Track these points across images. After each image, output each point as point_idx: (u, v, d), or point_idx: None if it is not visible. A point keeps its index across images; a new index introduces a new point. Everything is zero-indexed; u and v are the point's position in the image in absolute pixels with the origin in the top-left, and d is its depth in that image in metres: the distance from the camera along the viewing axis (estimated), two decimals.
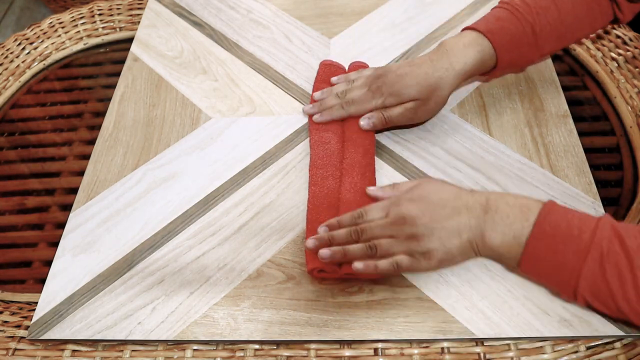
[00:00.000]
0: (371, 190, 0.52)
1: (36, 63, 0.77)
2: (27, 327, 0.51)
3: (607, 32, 0.70)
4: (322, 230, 0.49)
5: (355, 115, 0.59)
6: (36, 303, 0.52)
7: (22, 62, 0.77)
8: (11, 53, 0.77)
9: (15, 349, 0.50)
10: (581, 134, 0.59)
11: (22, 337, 0.51)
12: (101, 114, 0.68)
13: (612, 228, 0.41)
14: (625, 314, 0.40)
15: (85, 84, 0.76)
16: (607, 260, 0.40)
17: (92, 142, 0.64)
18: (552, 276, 0.44)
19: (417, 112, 0.57)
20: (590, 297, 0.42)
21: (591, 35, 0.70)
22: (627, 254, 0.39)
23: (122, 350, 0.49)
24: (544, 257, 0.43)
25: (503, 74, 0.64)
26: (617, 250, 0.40)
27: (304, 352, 0.48)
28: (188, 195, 0.58)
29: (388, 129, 0.61)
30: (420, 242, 0.45)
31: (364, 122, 0.58)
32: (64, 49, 0.78)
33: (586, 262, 0.40)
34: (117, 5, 0.82)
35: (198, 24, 0.76)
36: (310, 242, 0.49)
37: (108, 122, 0.66)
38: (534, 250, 0.43)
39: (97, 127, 0.67)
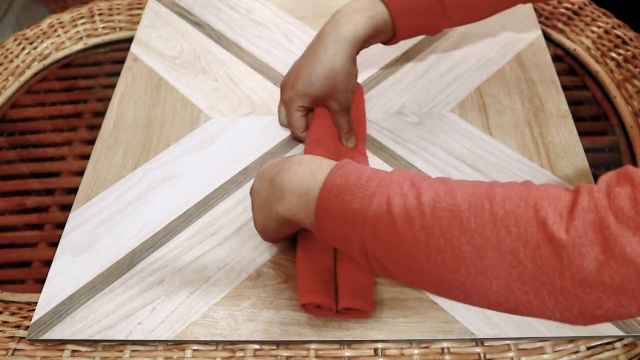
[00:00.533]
0: None
1: (36, 63, 0.77)
2: (26, 328, 0.51)
3: (607, 32, 0.70)
4: None
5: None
6: (36, 303, 0.51)
7: (22, 62, 0.77)
8: (11, 53, 0.77)
9: (15, 349, 0.50)
10: (581, 134, 0.59)
11: (21, 338, 0.51)
12: (101, 114, 0.68)
13: (404, 173, 0.36)
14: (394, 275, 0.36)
15: (85, 84, 0.76)
16: (392, 208, 0.34)
17: (92, 142, 0.64)
18: (341, 232, 0.37)
19: (340, 100, 0.56)
20: (380, 253, 0.35)
21: (591, 35, 0.70)
22: (418, 202, 0.33)
23: (122, 351, 0.49)
24: (331, 210, 0.37)
25: (408, 38, 0.58)
26: (405, 193, 0.34)
27: (304, 352, 0.48)
28: (188, 195, 0.58)
29: (387, 129, 0.61)
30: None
31: (350, 144, 0.60)
32: (63, 48, 0.78)
33: (370, 209, 0.34)
34: (117, 5, 0.82)
35: (198, 24, 0.76)
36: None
37: (108, 122, 0.66)
38: (323, 203, 0.37)
39: (97, 127, 0.67)
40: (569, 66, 0.70)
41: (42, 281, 0.53)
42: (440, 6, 0.51)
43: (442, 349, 0.47)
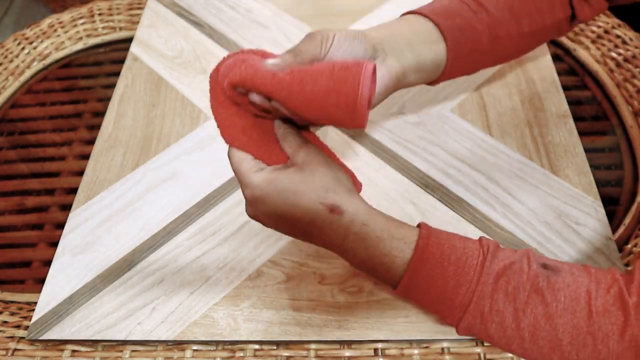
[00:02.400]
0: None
1: (36, 63, 0.77)
2: (26, 327, 0.51)
3: (607, 32, 0.70)
4: None
5: None
6: (36, 303, 0.51)
7: (22, 61, 0.77)
8: (11, 53, 0.77)
9: (15, 349, 0.50)
10: (581, 134, 0.59)
11: (21, 338, 0.51)
12: (101, 114, 0.68)
13: (491, 269, 0.36)
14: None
15: (85, 84, 0.76)
16: (487, 326, 0.36)
17: (91, 142, 0.64)
18: (430, 308, 0.38)
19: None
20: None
21: (591, 35, 0.70)
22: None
23: (121, 351, 0.49)
24: (418, 296, 0.38)
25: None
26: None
27: (304, 352, 0.48)
28: (188, 195, 0.58)
29: (387, 129, 0.61)
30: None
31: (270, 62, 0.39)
32: (63, 48, 0.78)
33: (462, 322, 0.36)
34: (117, 5, 0.82)
35: (198, 24, 0.76)
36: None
37: (108, 122, 0.66)
38: (406, 292, 0.38)
39: (96, 127, 0.67)
40: (569, 66, 0.70)
41: (42, 281, 0.53)
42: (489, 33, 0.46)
43: (442, 349, 0.47)
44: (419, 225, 0.39)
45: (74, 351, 0.49)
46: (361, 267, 0.39)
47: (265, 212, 0.39)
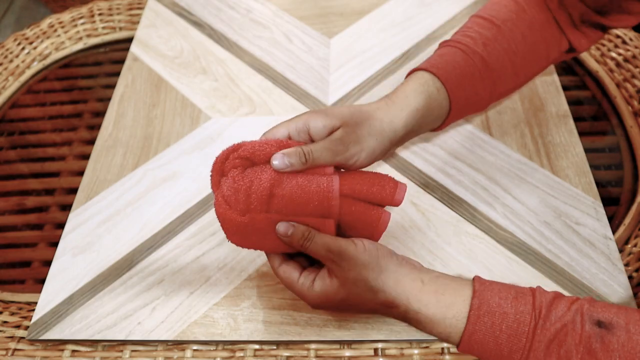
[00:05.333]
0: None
1: (36, 63, 0.77)
2: (26, 328, 0.51)
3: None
4: None
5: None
6: (36, 303, 0.51)
7: (22, 62, 0.77)
8: (11, 53, 0.77)
9: (15, 349, 0.50)
10: (581, 134, 0.59)
11: (21, 338, 0.51)
12: (101, 114, 0.68)
13: (542, 340, 0.36)
14: None
15: (85, 84, 0.76)
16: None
17: (92, 142, 0.64)
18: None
19: (344, 141, 0.42)
20: None
21: None
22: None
23: (122, 351, 0.49)
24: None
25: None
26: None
27: (304, 352, 0.48)
28: (188, 195, 0.58)
29: None
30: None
31: (276, 162, 0.40)
32: (63, 48, 0.78)
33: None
34: (117, 5, 0.82)
35: (198, 24, 0.76)
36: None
37: (108, 122, 0.66)
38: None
39: (97, 127, 0.67)
40: (569, 66, 0.70)
41: (42, 281, 0.53)
42: (486, 69, 0.49)
43: (442, 349, 0.47)
44: (473, 288, 0.39)
45: (74, 351, 0.49)
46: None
47: (333, 313, 0.46)
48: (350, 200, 0.40)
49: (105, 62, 0.78)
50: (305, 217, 0.39)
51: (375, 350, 0.47)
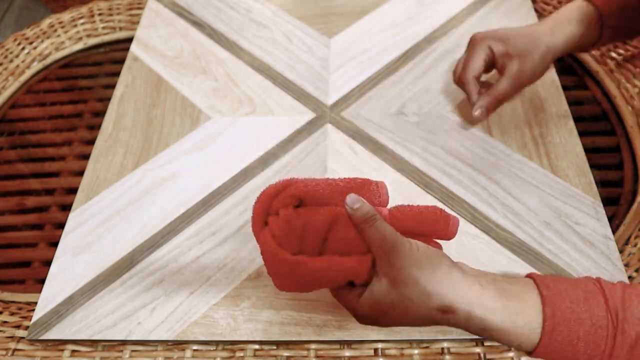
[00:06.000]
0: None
1: (36, 63, 0.77)
2: (26, 328, 0.51)
3: None
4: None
5: None
6: (36, 303, 0.51)
7: (22, 62, 0.77)
8: (11, 53, 0.77)
9: (15, 349, 0.50)
10: (581, 134, 0.59)
11: (21, 338, 0.51)
12: (101, 114, 0.68)
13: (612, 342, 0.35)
14: None
15: (85, 84, 0.76)
16: None
17: (92, 142, 0.64)
18: None
19: (522, 71, 0.53)
20: None
21: None
22: None
23: (121, 351, 0.49)
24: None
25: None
26: None
27: (304, 352, 0.48)
28: (188, 195, 0.58)
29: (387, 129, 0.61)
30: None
31: (477, 113, 0.54)
32: (63, 48, 0.78)
33: None
34: (117, 5, 0.82)
35: (198, 24, 0.76)
36: None
37: (108, 122, 0.66)
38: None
39: (97, 127, 0.67)
40: (569, 66, 0.70)
41: (42, 281, 0.53)
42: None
43: (442, 349, 0.47)
44: (540, 295, 0.36)
45: (74, 351, 0.49)
46: None
47: (382, 324, 0.40)
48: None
49: (105, 62, 0.78)
50: (361, 255, 0.38)
51: (375, 350, 0.47)
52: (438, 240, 0.41)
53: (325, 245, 0.38)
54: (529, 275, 0.39)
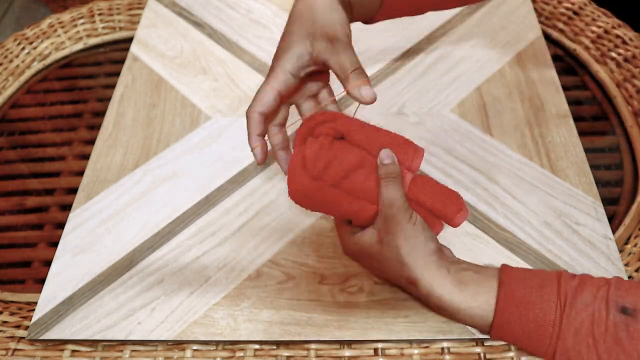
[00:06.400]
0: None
1: (36, 63, 0.77)
2: (26, 327, 0.51)
3: (607, 32, 0.70)
4: None
5: None
6: (36, 303, 0.51)
7: (22, 62, 0.77)
8: (11, 53, 0.77)
9: (15, 349, 0.50)
10: (581, 134, 0.59)
11: (21, 337, 0.51)
12: (101, 114, 0.68)
13: (575, 320, 0.38)
14: None
15: (85, 84, 0.76)
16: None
17: (92, 142, 0.64)
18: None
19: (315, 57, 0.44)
20: None
21: (591, 35, 0.70)
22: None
23: (122, 351, 0.49)
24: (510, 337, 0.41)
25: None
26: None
27: (304, 352, 0.48)
28: (188, 195, 0.58)
29: None
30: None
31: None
32: (63, 48, 0.78)
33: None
34: (117, 5, 0.82)
35: (198, 24, 0.76)
36: None
37: (108, 122, 0.66)
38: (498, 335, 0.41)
39: (97, 127, 0.67)
40: (569, 66, 0.70)
41: (42, 281, 0.53)
42: None
43: (442, 349, 0.47)
44: (499, 279, 0.40)
45: (74, 351, 0.49)
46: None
47: (361, 265, 0.48)
48: (414, 204, 0.43)
49: (105, 62, 0.78)
50: (368, 203, 0.42)
51: (375, 350, 0.47)
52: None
53: (344, 181, 0.41)
54: (502, 265, 0.42)
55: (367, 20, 0.49)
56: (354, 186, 0.42)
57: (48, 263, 0.55)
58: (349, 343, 0.48)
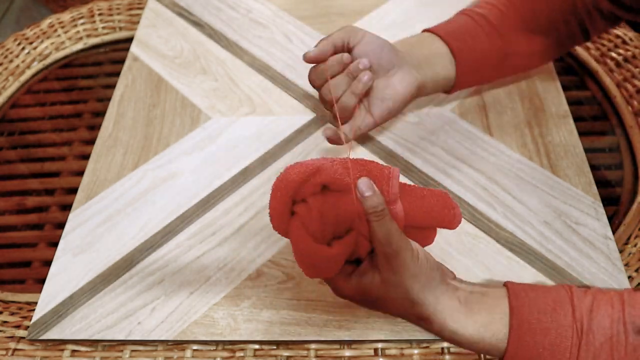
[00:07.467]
0: None
1: (36, 63, 0.77)
2: (26, 327, 0.51)
3: (607, 32, 0.70)
4: None
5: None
6: (36, 303, 0.51)
7: (22, 62, 0.77)
8: (11, 53, 0.77)
9: (15, 349, 0.50)
10: (581, 134, 0.59)
11: (21, 337, 0.51)
12: (101, 114, 0.68)
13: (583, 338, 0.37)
14: None
15: (85, 84, 0.76)
16: None
17: (92, 142, 0.64)
18: None
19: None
20: None
21: None
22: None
23: (122, 351, 0.49)
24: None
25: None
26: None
27: (304, 352, 0.48)
28: (188, 195, 0.58)
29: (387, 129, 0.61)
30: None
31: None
32: (63, 48, 0.78)
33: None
34: (117, 5, 0.82)
35: (198, 24, 0.76)
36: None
37: (108, 122, 0.66)
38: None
39: (97, 127, 0.67)
40: (569, 66, 0.70)
41: (42, 281, 0.53)
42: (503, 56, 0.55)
43: (442, 349, 0.47)
44: (509, 305, 0.38)
45: (74, 351, 0.49)
46: None
47: (360, 305, 0.42)
48: (408, 228, 0.40)
49: (105, 62, 0.78)
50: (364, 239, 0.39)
51: (375, 350, 0.47)
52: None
53: (349, 231, 0.38)
54: (505, 284, 0.40)
55: (446, 92, 0.57)
56: (362, 229, 0.38)
57: (48, 263, 0.55)
58: (349, 343, 0.48)
